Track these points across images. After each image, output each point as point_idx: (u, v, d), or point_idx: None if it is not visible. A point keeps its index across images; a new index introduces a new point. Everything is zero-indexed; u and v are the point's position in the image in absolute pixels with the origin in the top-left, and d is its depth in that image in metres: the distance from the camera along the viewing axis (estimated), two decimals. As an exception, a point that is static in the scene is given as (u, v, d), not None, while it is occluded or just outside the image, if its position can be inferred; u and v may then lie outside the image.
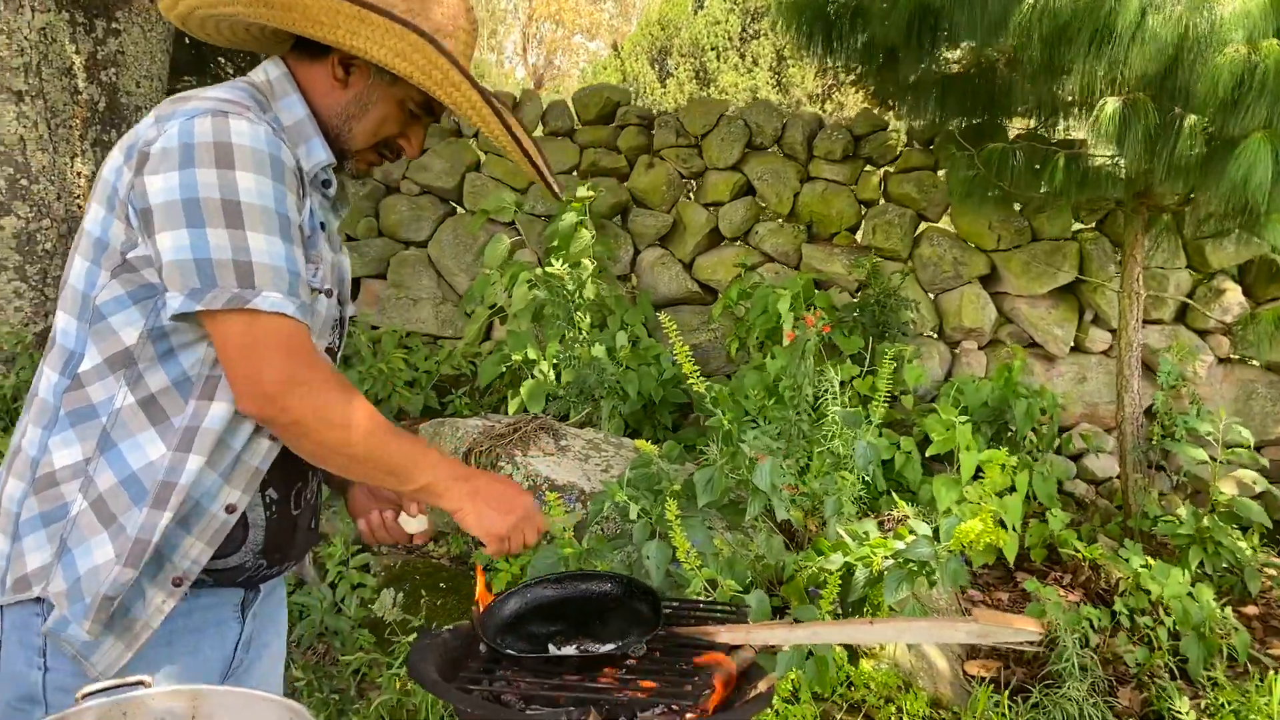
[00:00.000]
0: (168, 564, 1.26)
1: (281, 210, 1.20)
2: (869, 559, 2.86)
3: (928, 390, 4.87)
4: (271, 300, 1.17)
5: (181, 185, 1.16)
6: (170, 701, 1.11)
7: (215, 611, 1.37)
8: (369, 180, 5.63)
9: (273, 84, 1.33)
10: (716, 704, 1.41)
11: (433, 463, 1.31)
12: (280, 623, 1.56)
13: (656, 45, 18.57)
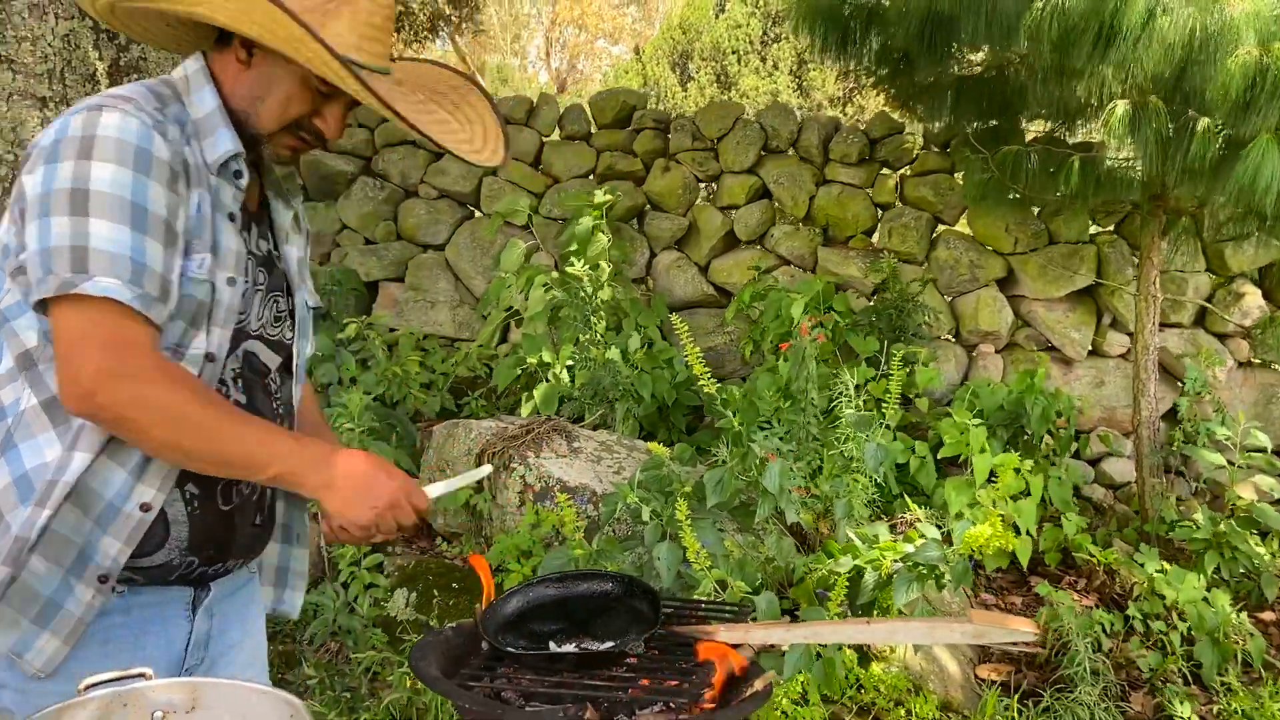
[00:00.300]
0: (90, 562, 1.24)
1: (139, 201, 1.17)
2: (878, 562, 2.86)
3: (944, 393, 4.86)
4: (103, 285, 1.14)
5: (43, 180, 1.16)
6: (170, 693, 1.13)
7: (159, 609, 1.35)
8: (388, 184, 5.68)
9: (188, 78, 1.33)
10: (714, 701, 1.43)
11: (286, 450, 1.26)
12: (250, 621, 1.52)
13: (678, 49, 18.59)
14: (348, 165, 5.72)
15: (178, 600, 1.37)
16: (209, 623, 1.41)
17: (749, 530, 3.30)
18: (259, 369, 1.40)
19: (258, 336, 1.39)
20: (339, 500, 1.28)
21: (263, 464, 1.24)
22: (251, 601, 1.53)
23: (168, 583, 1.34)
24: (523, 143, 5.56)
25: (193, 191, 1.26)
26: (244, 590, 1.50)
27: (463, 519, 3.59)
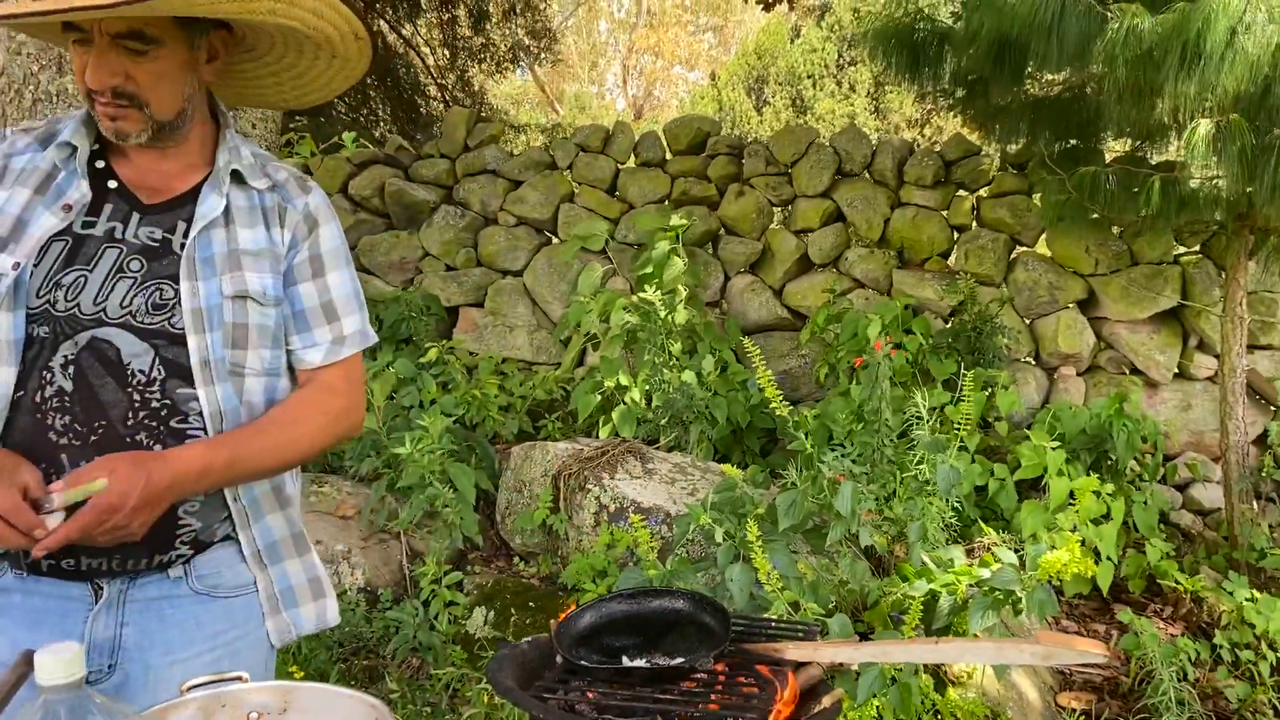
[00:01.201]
0: None
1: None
2: (954, 586, 2.84)
3: (1024, 417, 4.78)
4: None
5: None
6: (264, 696, 1.21)
7: (60, 603, 1.37)
8: (468, 212, 5.84)
9: None
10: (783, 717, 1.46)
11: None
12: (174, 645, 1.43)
13: (753, 74, 18.68)
14: (430, 195, 5.90)
15: (71, 596, 1.37)
16: (114, 630, 1.39)
17: (822, 553, 3.30)
18: (108, 357, 1.35)
19: (119, 324, 1.36)
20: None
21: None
22: (175, 627, 1.43)
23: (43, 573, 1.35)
24: (598, 170, 5.67)
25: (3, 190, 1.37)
26: (172, 608, 1.43)
27: (539, 539, 3.66)
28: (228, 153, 1.48)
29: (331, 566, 3.33)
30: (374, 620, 3.19)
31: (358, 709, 1.20)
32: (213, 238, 1.43)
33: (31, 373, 1.33)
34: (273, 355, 1.49)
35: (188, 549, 1.43)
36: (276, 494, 1.54)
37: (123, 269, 1.38)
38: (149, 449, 1.35)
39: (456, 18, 10.70)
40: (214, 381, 1.40)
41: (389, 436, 3.60)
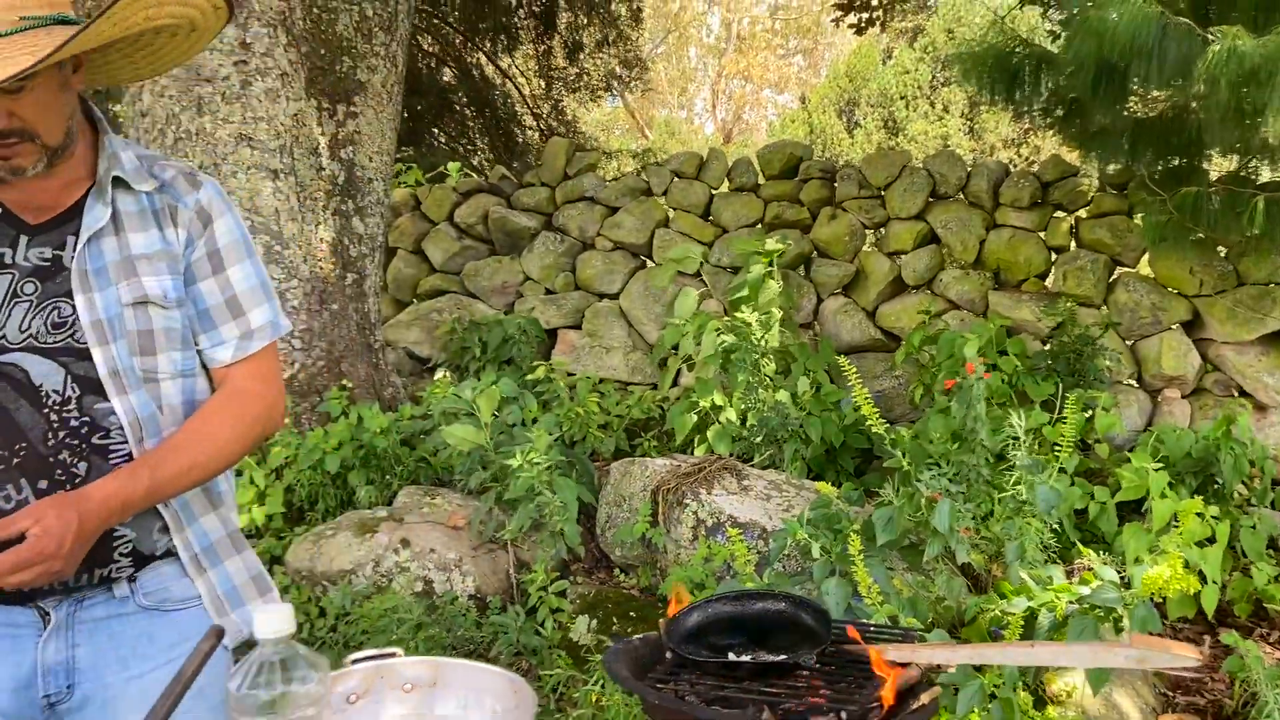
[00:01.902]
0: None
1: None
2: (1053, 603, 2.85)
3: (1127, 439, 4.72)
4: None
5: None
6: (417, 669, 1.36)
7: (5, 629, 1.37)
8: (567, 238, 6.04)
9: None
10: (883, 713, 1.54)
11: None
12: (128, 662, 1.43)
13: (844, 97, 18.67)
14: (531, 221, 6.13)
15: (27, 624, 1.37)
16: (68, 652, 1.38)
17: (918, 570, 3.34)
18: (17, 380, 1.34)
19: (22, 348, 1.34)
20: None
21: None
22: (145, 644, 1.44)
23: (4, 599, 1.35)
24: (693, 195, 5.82)
25: None
26: (121, 625, 1.43)
27: (638, 551, 3.78)
28: (107, 160, 1.42)
29: (444, 574, 3.51)
30: (483, 625, 3.35)
31: (500, 683, 1.34)
32: (103, 247, 1.40)
33: None
34: (184, 357, 1.47)
35: (128, 562, 1.42)
36: (207, 494, 1.52)
37: (16, 293, 1.36)
38: (73, 467, 1.34)
39: (552, 49, 11.02)
40: (127, 390, 1.39)
41: (496, 451, 3.77)
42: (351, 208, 4.64)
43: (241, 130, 4.21)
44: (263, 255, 4.27)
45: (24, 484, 1.32)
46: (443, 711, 1.32)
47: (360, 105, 4.61)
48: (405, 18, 4.88)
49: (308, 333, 4.43)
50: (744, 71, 25.93)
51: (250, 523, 3.80)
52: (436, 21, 10.56)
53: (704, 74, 27.22)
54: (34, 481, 1.32)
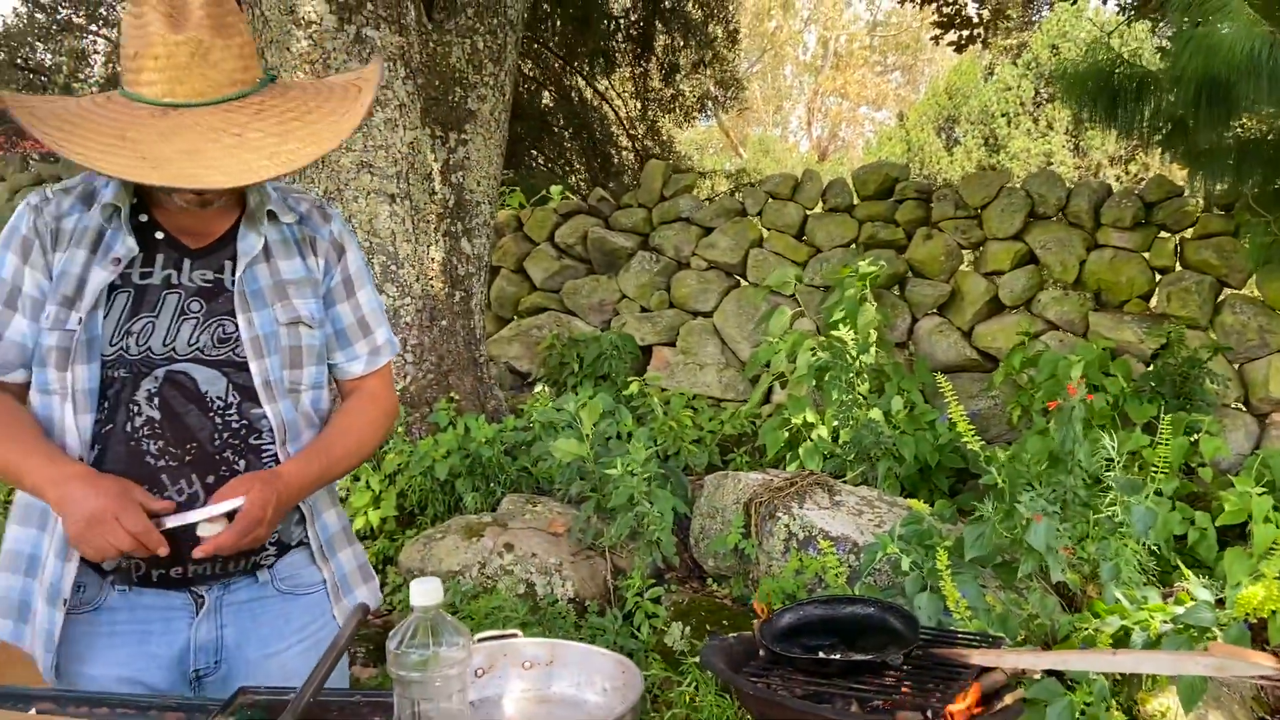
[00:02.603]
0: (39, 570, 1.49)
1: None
2: (1146, 623, 2.86)
3: (1233, 464, 4.62)
4: None
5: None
6: (536, 650, 1.49)
7: (160, 612, 1.52)
8: (662, 257, 6.20)
9: None
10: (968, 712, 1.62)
11: (36, 467, 1.41)
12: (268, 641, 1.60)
13: (943, 114, 18.45)
14: (627, 241, 6.31)
15: (174, 605, 1.53)
16: (217, 632, 1.55)
17: (1010, 587, 3.37)
18: (187, 388, 1.50)
19: (190, 359, 1.50)
20: (65, 518, 1.38)
21: (21, 477, 1.42)
22: (269, 623, 1.60)
23: (154, 584, 1.51)
24: (787, 216, 5.91)
25: (59, 254, 1.48)
26: (267, 610, 1.60)
27: (730, 562, 3.88)
28: (259, 193, 1.57)
29: (545, 577, 3.67)
30: (581, 627, 3.50)
31: (609, 665, 1.47)
32: (258, 273, 1.56)
33: (117, 408, 1.47)
34: (319, 371, 1.64)
35: (273, 550, 1.60)
36: (329, 492, 1.69)
37: (184, 311, 1.52)
38: (235, 464, 1.52)
39: (648, 71, 11.23)
40: (276, 399, 1.55)
41: (595, 462, 3.93)
42: (460, 229, 4.88)
43: (363, 158, 4.48)
44: (380, 274, 4.55)
45: (194, 478, 1.49)
46: (559, 687, 1.46)
47: (470, 133, 4.86)
48: (512, 49, 5.12)
49: (419, 347, 4.67)
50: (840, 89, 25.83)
51: (365, 524, 4.03)
52: (537, 46, 10.89)
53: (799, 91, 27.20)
54: (203, 477, 1.49)
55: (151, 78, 1.35)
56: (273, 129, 1.38)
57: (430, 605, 1.08)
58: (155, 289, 1.51)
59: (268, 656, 1.58)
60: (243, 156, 1.33)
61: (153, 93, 1.36)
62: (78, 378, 1.45)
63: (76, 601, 1.49)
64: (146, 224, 1.52)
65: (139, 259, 1.51)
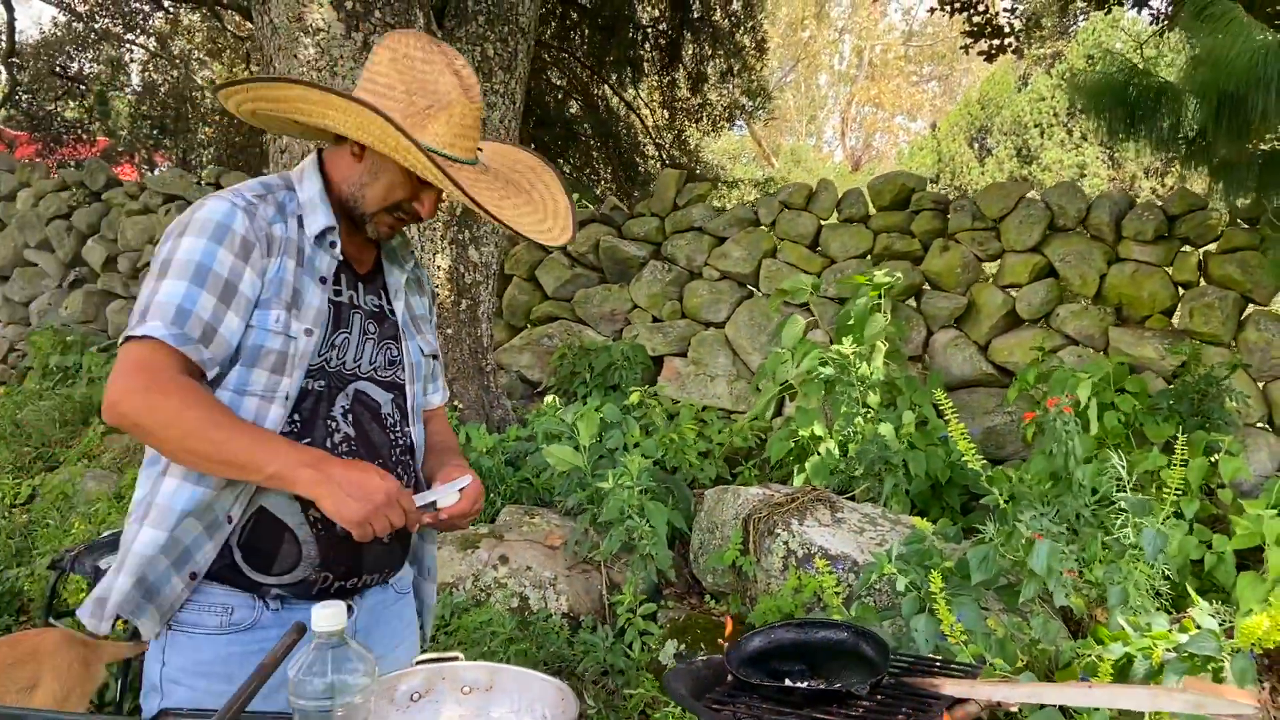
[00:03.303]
0: (190, 562, 1.47)
1: (206, 261, 1.41)
2: (1150, 651, 2.75)
3: (1255, 486, 4.48)
4: (148, 327, 1.36)
5: (156, 254, 1.47)
6: (475, 673, 1.44)
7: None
8: (674, 267, 6.14)
9: (302, 170, 1.60)
10: (934, 748, 1.55)
11: (280, 452, 1.39)
12: (395, 639, 1.71)
13: (975, 124, 18.25)
14: (639, 251, 6.26)
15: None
16: (352, 634, 1.55)
17: (1015, 611, 3.27)
18: (370, 405, 1.61)
19: (368, 378, 1.61)
20: (333, 499, 1.38)
21: (259, 465, 1.37)
22: (398, 623, 1.72)
23: (310, 597, 1.53)
24: (801, 226, 5.83)
25: (274, 259, 1.49)
26: (389, 611, 1.70)
27: (729, 579, 3.81)
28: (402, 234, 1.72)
29: (539, 591, 3.62)
30: (574, 644, 3.44)
31: (549, 691, 1.41)
32: (404, 304, 1.71)
33: (314, 420, 1.53)
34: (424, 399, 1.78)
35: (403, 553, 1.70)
36: None
37: (365, 331, 1.62)
38: (404, 479, 1.62)
39: (676, 80, 11.20)
40: (416, 422, 1.69)
41: (593, 474, 3.88)
42: (467, 237, 4.86)
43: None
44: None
45: None
46: (497, 714, 1.40)
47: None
48: (524, 56, 5.09)
49: (423, 355, 4.65)
50: (875, 99, 25.66)
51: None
52: (564, 55, 10.90)
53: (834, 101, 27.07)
54: None
55: (439, 130, 1.48)
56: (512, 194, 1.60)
57: (333, 630, 1.04)
58: (346, 307, 1.59)
59: (389, 651, 1.67)
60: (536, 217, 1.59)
61: (436, 144, 1.48)
62: (286, 384, 1.50)
63: (226, 623, 1.51)
64: (332, 245, 1.58)
65: (331, 277, 1.59)
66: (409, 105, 1.49)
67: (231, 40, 12.62)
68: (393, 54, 1.52)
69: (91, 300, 7.85)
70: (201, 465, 1.40)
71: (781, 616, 3.42)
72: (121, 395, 1.36)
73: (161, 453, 1.44)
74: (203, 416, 1.36)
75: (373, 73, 1.53)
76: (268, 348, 1.47)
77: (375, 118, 1.41)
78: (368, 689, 1.06)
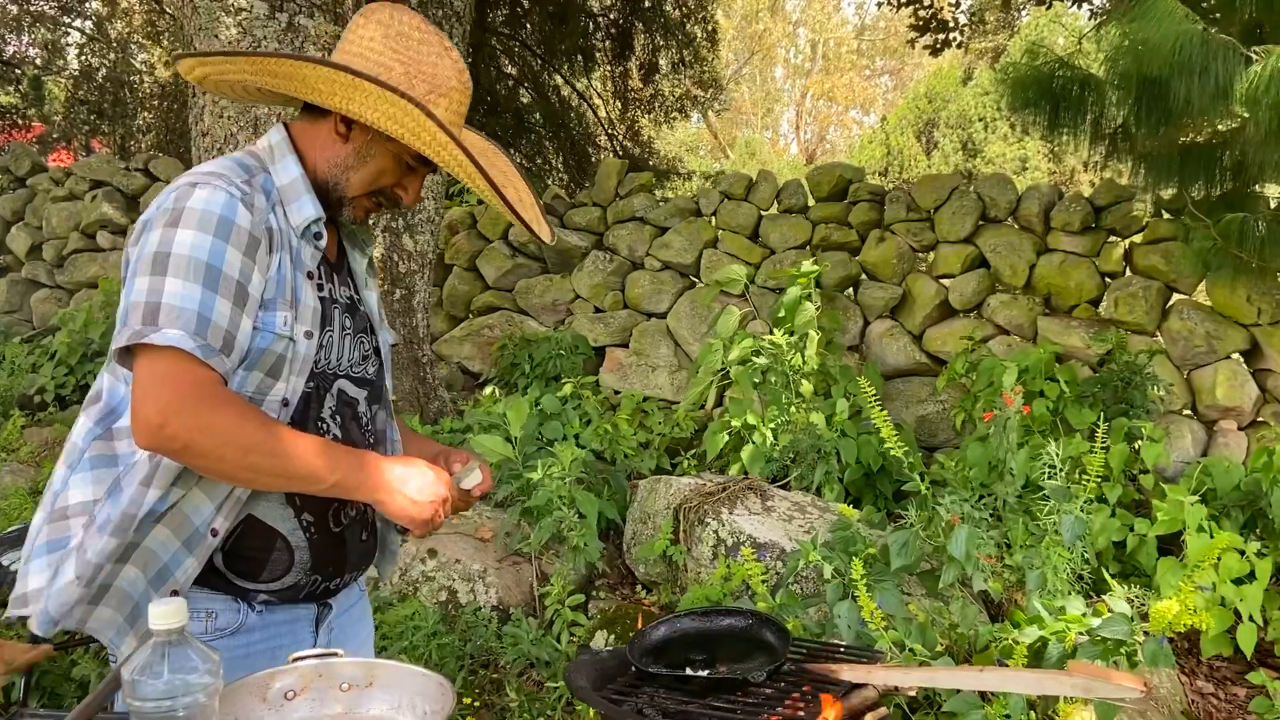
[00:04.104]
0: (170, 579, 1.38)
1: (215, 263, 1.28)
2: (1063, 634, 2.80)
3: (1177, 472, 4.58)
4: (169, 336, 1.23)
5: (139, 249, 1.32)
6: (354, 670, 1.41)
7: (290, 626, 1.53)
8: (616, 257, 6.12)
9: (272, 149, 1.46)
10: (830, 734, 1.56)
11: (342, 461, 1.34)
12: (362, 636, 1.71)
13: (923, 118, 18.44)
14: (581, 241, 6.23)
15: (305, 617, 1.56)
16: (328, 636, 1.59)
17: (937, 596, 3.31)
18: (348, 403, 1.54)
19: (345, 375, 1.53)
20: (396, 503, 1.37)
21: (320, 476, 1.32)
22: (363, 618, 1.73)
23: (297, 601, 1.52)
24: (741, 216, 5.84)
25: (275, 255, 1.38)
26: (356, 608, 1.69)
27: (660, 569, 3.81)
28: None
29: (468, 584, 3.59)
30: (504, 637, 3.42)
31: (430, 686, 1.39)
32: (370, 293, 1.62)
33: (306, 423, 1.45)
34: None
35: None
36: None
37: (344, 326, 1.53)
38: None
39: (628, 70, 11.16)
40: (390, 416, 1.64)
41: (524, 465, 3.86)
42: (401, 225, 4.80)
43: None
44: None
45: None
46: (375, 711, 1.38)
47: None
48: (460, 42, 5.03)
49: (355, 346, 4.58)
50: (829, 92, 25.80)
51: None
52: (514, 44, 10.81)
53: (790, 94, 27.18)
54: None
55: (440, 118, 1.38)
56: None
57: (172, 628, 1.00)
58: (328, 302, 1.50)
59: (360, 644, 1.68)
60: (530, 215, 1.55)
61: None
62: (290, 387, 1.42)
63: (211, 629, 1.45)
64: (317, 237, 1.49)
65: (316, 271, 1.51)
66: (409, 89, 1.40)
67: (170, 23, 12.35)
68: (385, 30, 1.42)
69: (15, 289, 7.65)
70: (259, 482, 1.34)
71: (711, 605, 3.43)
72: (168, 415, 1.22)
73: (209, 473, 1.32)
74: (260, 431, 1.28)
75: (363, 47, 1.43)
76: (270, 350, 1.38)
77: (414, 110, 1.33)
78: (211, 688, 1.03)
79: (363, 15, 1.45)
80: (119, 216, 7.16)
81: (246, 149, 1.49)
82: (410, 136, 1.37)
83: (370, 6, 1.47)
